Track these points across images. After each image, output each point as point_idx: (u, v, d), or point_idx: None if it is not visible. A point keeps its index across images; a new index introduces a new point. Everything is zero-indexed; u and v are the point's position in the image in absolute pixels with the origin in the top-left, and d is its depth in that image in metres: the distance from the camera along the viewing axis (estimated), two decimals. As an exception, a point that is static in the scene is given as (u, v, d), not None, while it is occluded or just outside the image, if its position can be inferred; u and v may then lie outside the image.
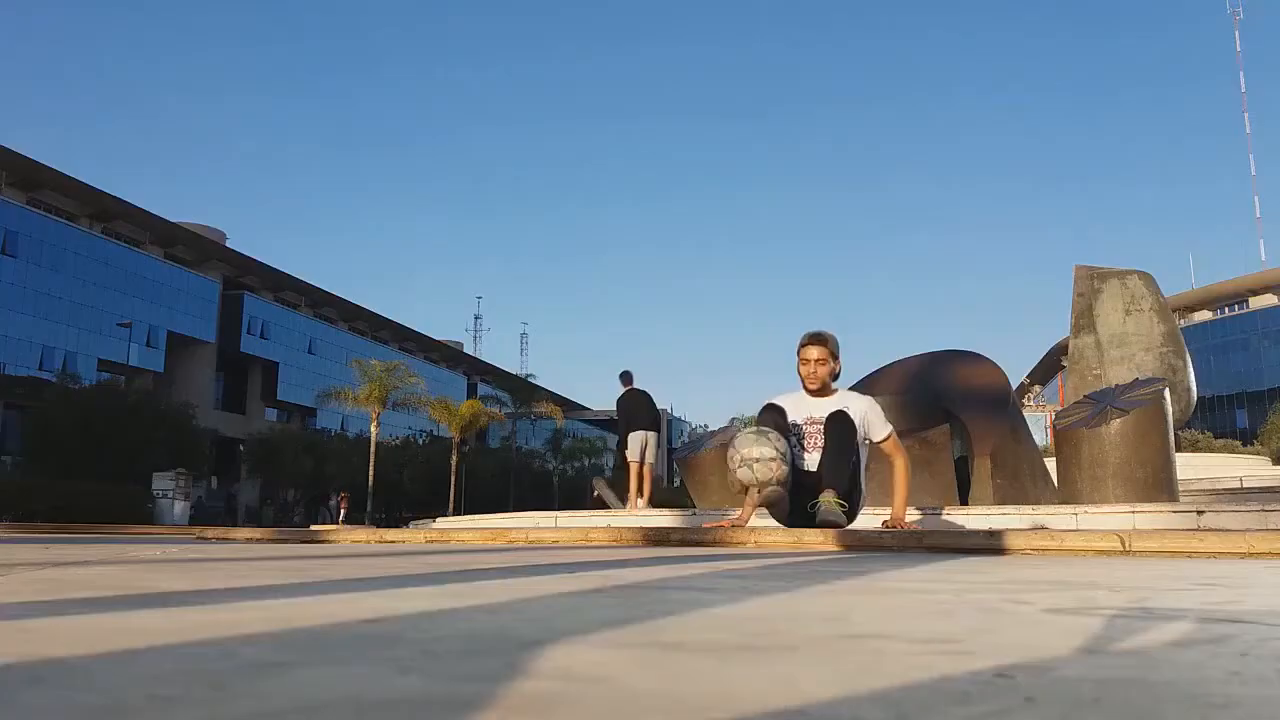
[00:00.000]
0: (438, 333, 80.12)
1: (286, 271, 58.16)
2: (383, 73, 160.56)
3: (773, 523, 5.28)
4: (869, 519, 5.60)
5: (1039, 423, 44.45)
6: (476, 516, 11.19)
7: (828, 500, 4.67)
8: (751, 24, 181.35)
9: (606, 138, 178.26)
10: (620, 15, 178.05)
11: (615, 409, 11.98)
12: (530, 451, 63.93)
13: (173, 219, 51.89)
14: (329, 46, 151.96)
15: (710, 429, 22.21)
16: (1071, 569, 2.76)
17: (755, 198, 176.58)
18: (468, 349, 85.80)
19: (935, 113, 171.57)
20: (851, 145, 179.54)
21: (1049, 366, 66.75)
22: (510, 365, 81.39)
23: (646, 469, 11.36)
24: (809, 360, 5.07)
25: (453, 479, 42.60)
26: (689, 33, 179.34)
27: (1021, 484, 8.19)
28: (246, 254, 56.11)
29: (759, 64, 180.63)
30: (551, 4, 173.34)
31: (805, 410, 5.06)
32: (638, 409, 11.55)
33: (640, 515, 8.49)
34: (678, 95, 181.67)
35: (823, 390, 5.12)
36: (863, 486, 5.02)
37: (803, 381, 5.14)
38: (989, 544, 3.94)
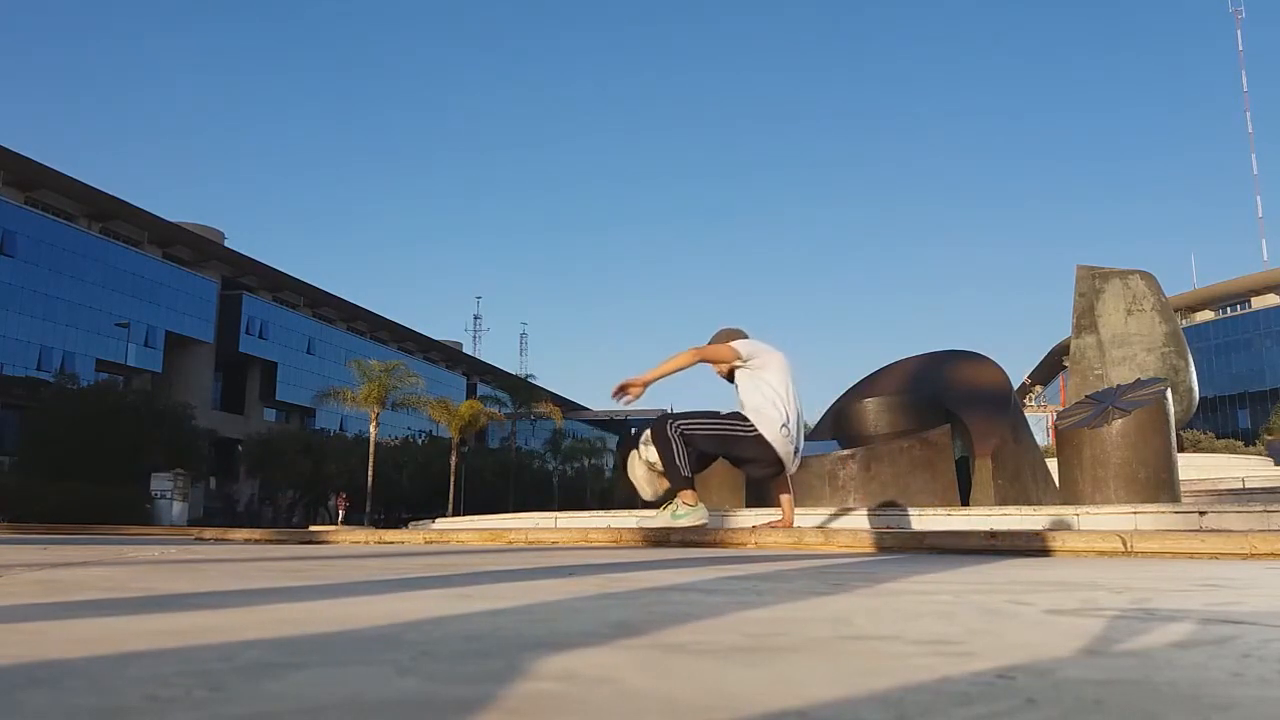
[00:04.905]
0: (437, 333, 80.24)
1: (285, 271, 58.12)
2: (383, 73, 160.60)
3: (770, 516, 5.32)
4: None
5: (1040, 423, 44.51)
6: (476, 517, 11.19)
7: (671, 505, 4.86)
8: (752, 33, 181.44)
9: (608, 138, 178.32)
10: (623, 21, 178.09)
11: None
12: (530, 452, 63.90)
13: (171, 219, 51.85)
14: (329, 46, 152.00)
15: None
16: (1073, 570, 2.76)
17: (756, 202, 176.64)
18: (467, 349, 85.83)
19: (935, 112, 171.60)
20: (852, 147, 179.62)
21: (1050, 366, 66.82)
22: (510, 365, 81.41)
23: None
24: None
25: (452, 479, 42.58)
26: (693, 36, 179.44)
27: (1023, 484, 8.19)
28: (245, 254, 56.08)
29: (760, 72, 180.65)
30: (554, 5, 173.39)
31: None
32: None
33: (639, 516, 8.48)
34: (680, 98, 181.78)
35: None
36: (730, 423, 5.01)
37: None
38: (990, 545, 3.94)
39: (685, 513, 4.77)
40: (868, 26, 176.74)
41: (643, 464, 4.99)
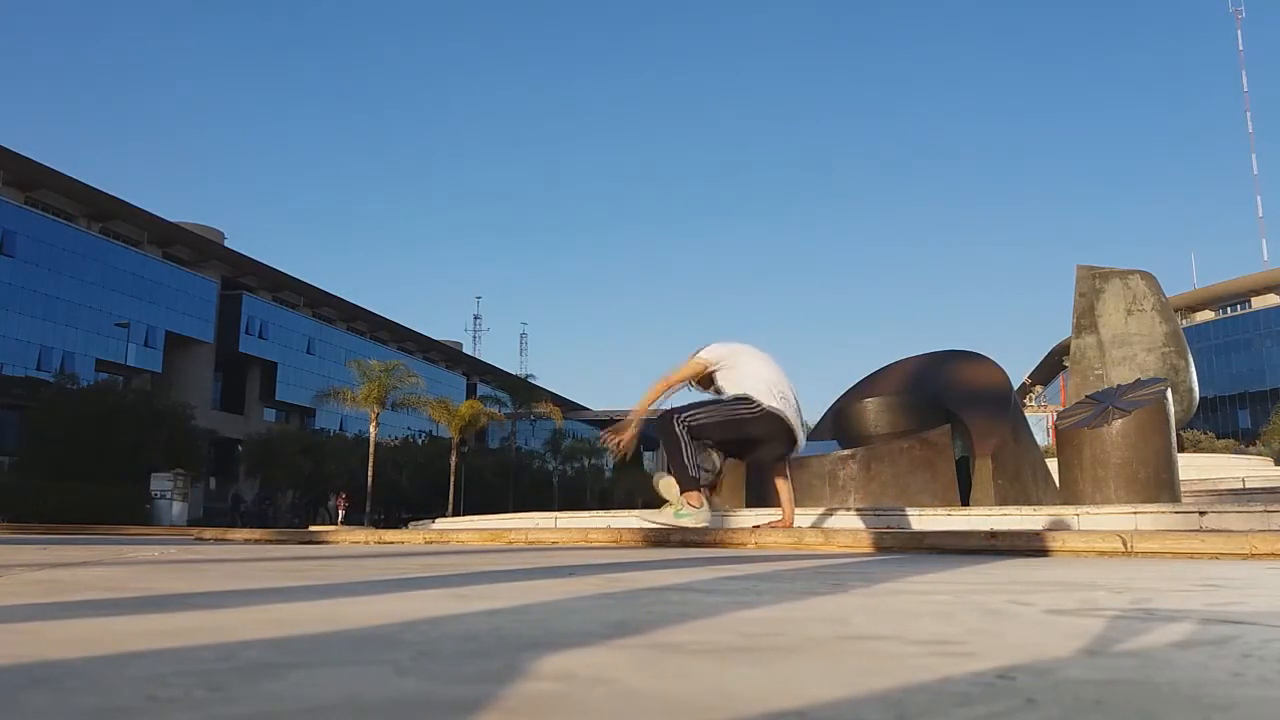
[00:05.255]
0: (437, 333, 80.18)
1: (285, 271, 58.09)
2: (383, 73, 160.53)
3: (770, 516, 5.32)
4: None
5: (1040, 423, 44.51)
6: (476, 517, 11.19)
7: (675, 504, 4.92)
8: (752, 33, 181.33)
9: (608, 138, 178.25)
10: (623, 21, 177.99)
11: None
12: (530, 452, 63.90)
13: (171, 219, 51.85)
14: (329, 46, 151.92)
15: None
16: (1073, 570, 2.76)
17: (757, 202, 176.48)
18: (467, 349, 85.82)
19: (935, 112, 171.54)
20: (852, 147, 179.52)
21: (1051, 367, 66.84)
22: (510, 365, 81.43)
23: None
24: None
25: (452, 479, 42.57)
26: (693, 36, 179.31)
27: (1023, 485, 8.19)
28: (245, 254, 56.08)
29: (760, 72, 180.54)
30: (554, 5, 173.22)
31: None
32: None
33: (639, 516, 8.49)
34: (680, 98, 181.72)
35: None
36: (715, 425, 5.01)
37: None
38: (990, 545, 3.94)
39: (689, 513, 4.77)
40: (868, 26, 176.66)
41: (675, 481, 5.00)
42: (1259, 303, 69.85)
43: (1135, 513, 5.79)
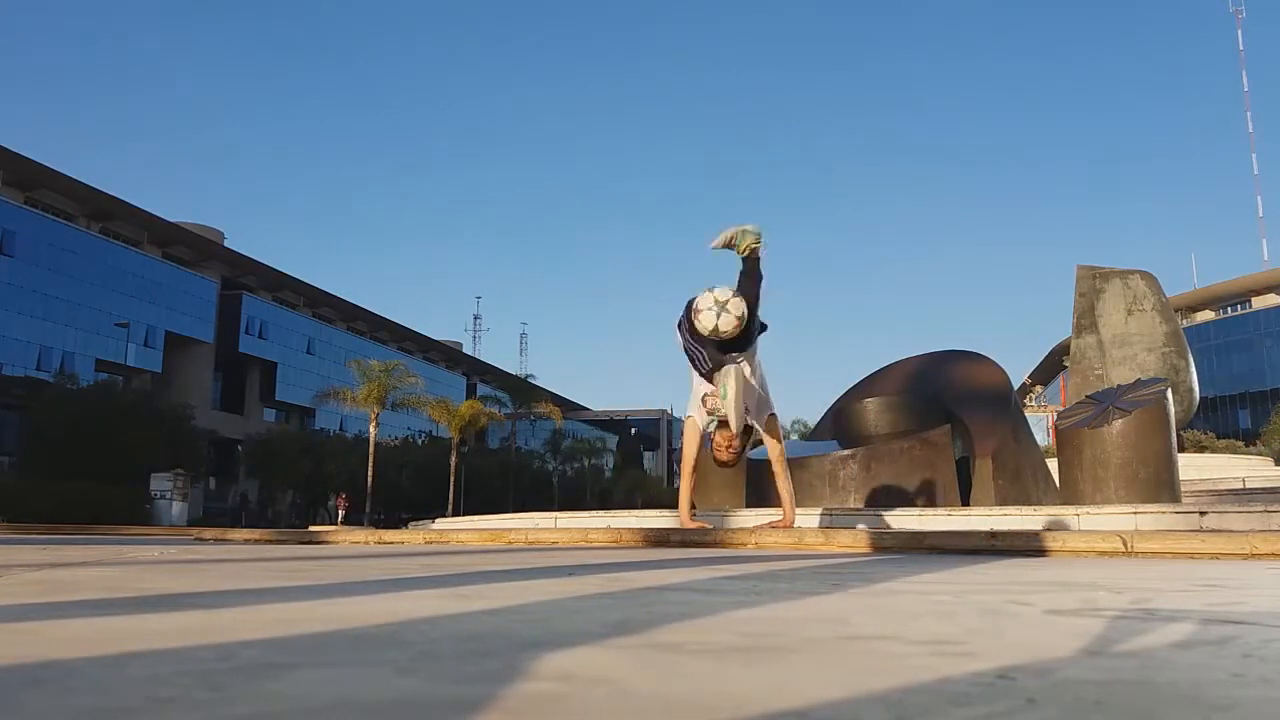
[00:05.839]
0: (437, 333, 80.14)
1: (285, 271, 58.10)
2: (383, 73, 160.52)
3: (770, 516, 5.32)
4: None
5: (1041, 423, 44.49)
6: (476, 517, 11.19)
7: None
8: (752, 33, 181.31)
9: (608, 138, 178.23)
10: (624, 21, 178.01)
11: None
12: (530, 452, 63.91)
13: (171, 219, 51.87)
14: (329, 46, 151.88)
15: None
16: (1073, 570, 2.76)
17: (757, 201, 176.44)
18: (467, 349, 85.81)
19: (935, 112, 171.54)
20: (852, 147, 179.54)
21: (1051, 367, 66.79)
22: (510, 365, 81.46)
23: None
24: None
25: (452, 479, 42.57)
26: (694, 36, 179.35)
27: (1023, 485, 8.19)
28: (245, 254, 56.11)
29: (760, 72, 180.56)
30: (555, 5, 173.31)
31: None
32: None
33: (639, 516, 8.49)
34: (680, 97, 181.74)
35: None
36: None
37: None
38: (990, 545, 3.94)
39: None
40: (868, 26, 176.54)
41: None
42: (1259, 303, 69.80)
43: (1135, 513, 5.79)
